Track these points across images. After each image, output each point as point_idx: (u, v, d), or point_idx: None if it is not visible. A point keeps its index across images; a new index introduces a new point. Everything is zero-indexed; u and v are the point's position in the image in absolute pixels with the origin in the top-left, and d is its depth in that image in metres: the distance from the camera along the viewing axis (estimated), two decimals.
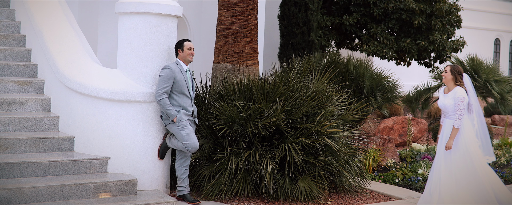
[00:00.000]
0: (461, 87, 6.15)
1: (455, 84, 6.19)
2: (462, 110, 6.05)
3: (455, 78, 6.19)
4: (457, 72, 6.19)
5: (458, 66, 6.23)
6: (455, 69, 6.20)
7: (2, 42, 7.26)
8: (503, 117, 15.25)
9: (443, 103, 6.24)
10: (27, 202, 5.39)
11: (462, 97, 6.05)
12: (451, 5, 14.34)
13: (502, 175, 8.55)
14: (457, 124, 6.06)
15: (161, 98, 6.04)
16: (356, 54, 18.15)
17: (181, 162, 6.29)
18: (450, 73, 6.20)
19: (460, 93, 6.08)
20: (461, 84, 6.18)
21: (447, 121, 6.24)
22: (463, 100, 6.05)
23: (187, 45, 6.28)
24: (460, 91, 6.09)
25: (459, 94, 6.07)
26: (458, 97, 6.06)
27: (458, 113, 6.06)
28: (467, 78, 6.23)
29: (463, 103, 6.05)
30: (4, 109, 6.44)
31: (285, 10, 13.06)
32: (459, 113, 6.06)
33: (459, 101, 6.05)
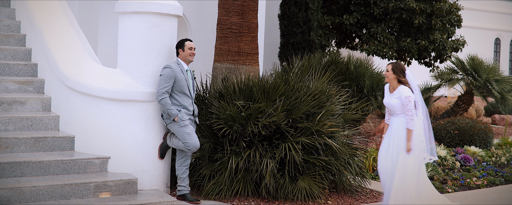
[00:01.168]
0: (406, 85, 5.96)
1: (399, 83, 6.01)
2: (411, 109, 5.85)
3: (397, 76, 5.99)
4: (399, 70, 5.99)
5: (399, 64, 6.03)
6: (396, 68, 6.01)
7: (2, 42, 7.26)
8: (503, 116, 15.26)
9: (388, 102, 6.06)
10: (28, 201, 5.39)
11: (409, 97, 5.86)
12: (451, 5, 14.34)
13: (502, 175, 8.55)
14: (411, 125, 5.86)
15: (162, 97, 6.03)
16: (357, 53, 18.16)
17: (181, 162, 6.29)
18: (392, 72, 6.01)
19: (406, 93, 5.88)
20: (405, 82, 5.99)
21: (394, 119, 6.03)
22: (410, 99, 5.86)
23: (188, 45, 6.28)
24: (406, 91, 5.90)
25: (405, 94, 5.88)
26: (405, 98, 5.87)
27: (409, 114, 5.87)
28: (411, 75, 6.02)
29: (411, 103, 5.86)
30: (4, 108, 6.44)
31: (285, 10, 13.07)
32: (409, 113, 5.87)
33: (406, 101, 5.86)
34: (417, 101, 5.99)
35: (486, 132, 10.38)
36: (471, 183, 8.01)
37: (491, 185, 8.13)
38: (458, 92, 16.20)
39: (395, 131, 6.01)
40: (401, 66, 6.03)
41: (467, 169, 8.88)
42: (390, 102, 6.04)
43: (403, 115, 5.95)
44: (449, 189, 7.62)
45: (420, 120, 6.00)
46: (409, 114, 5.88)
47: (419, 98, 6.02)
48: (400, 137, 5.95)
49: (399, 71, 6.00)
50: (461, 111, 12.92)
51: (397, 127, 6.01)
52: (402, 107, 5.94)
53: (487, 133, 10.41)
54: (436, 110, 15.29)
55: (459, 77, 12.89)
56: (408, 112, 5.88)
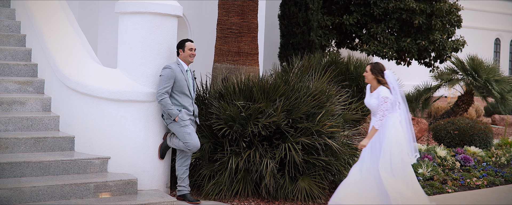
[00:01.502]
0: (385, 86, 5.91)
1: (378, 83, 5.96)
2: (384, 110, 5.82)
3: (376, 76, 5.94)
4: (377, 70, 5.94)
5: (378, 64, 5.98)
6: (375, 68, 5.95)
7: (2, 42, 7.26)
8: (503, 116, 15.25)
9: (368, 102, 6.02)
10: (27, 201, 5.39)
11: (386, 98, 5.82)
12: (451, 5, 14.34)
13: (502, 175, 8.55)
14: (378, 125, 5.84)
15: (162, 98, 6.04)
16: (356, 54, 18.16)
17: (181, 162, 6.29)
18: (371, 72, 5.96)
19: (384, 93, 5.84)
20: (384, 83, 5.93)
21: (374, 119, 6.00)
22: (386, 100, 5.81)
23: (188, 46, 6.28)
24: (384, 91, 5.86)
25: (383, 94, 5.84)
26: (382, 98, 5.83)
27: (380, 113, 5.83)
28: (391, 75, 5.95)
29: (386, 104, 5.81)
30: (4, 109, 6.44)
31: (285, 10, 13.07)
32: (381, 113, 5.83)
33: (382, 101, 5.82)
34: (400, 102, 5.93)
35: (486, 132, 10.38)
36: (471, 183, 8.01)
37: (491, 185, 8.13)
38: (458, 92, 16.20)
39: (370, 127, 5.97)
40: (379, 66, 5.97)
41: (467, 169, 8.88)
42: (370, 102, 6.00)
43: None
44: (449, 189, 7.62)
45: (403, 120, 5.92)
46: (380, 114, 5.84)
47: (401, 99, 5.96)
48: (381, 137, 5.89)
49: (377, 72, 5.95)
50: (461, 111, 12.93)
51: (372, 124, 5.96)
52: (377, 107, 5.89)
53: (487, 133, 10.41)
54: (436, 110, 15.28)
55: (459, 78, 12.89)
56: (381, 111, 5.84)
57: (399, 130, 5.85)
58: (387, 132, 5.84)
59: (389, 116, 5.88)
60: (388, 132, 5.84)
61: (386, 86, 5.93)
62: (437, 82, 13.28)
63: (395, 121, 5.87)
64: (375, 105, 5.93)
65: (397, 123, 5.87)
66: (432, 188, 7.54)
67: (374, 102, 5.94)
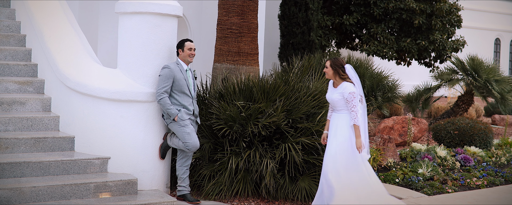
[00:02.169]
0: (348, 81, 5.83)
1: (341, 79, 5.88)
2: (355, 105, 5.74)
3: (337, 72, 5.85)
4: (337, 66, 5.84)
5: (338, 59, 5.88)
6: (335, 64, 5.86)
7: (2, 42, 7.27)
8: (503, 116, 15.25)
9: (330, 97, 5.93)
10: (28, 201, 5.39)
11: (353, 93, 5.73)
12: (451, 5, 14.34)
13: (502, 175, 8.55)
14: (356, 121, 5.75)
15: (161, 97, 6.04)
16: (357, 54, 18.16)
17: (182, 162, 6.29)
18: (331, 68, 5.86)
19: (350, 89, 5.75)
20: (346, 78, 5.84)
21: (336, 115, 5.91)
22: (355, 95, 5.74)
23: (187, 45, 6.28)
24: (350, 87, 5.77)
25: (349, 90, 5.75)
26: (349, 94, 5.74)
27: (354, 110, 5.75)
28: (351, 70, 5.87)
29: (355, 99, 5.73)
30: (4, 109, 6.44)
31: (285, 10, 13.07)
32: (355, 109, 5.75)
33: (351, 97, 5.74)
34: (361, 96, 5.88)
35: (486, 132, 10.38)
36: (471, 183, 8.01)
37: (491, 185, 8.13)
38: (458, 92, 16.20)
39: (334, 127, 5.89)
40: (339, 61, 5.88)
41: (467, 169, 8.88)
42: (332, 97, 5.91)
43: (345, 110, 5.85)
44: (449, 189, 7.62)
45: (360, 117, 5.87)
46: (354, 110, 5.76)
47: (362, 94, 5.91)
48: (339, 134, 5.83)
49: (337, 67, 5.86)
50: (461, 111, 12.93)
51: (336, 123, 5.89)
52: (344, 103, 5.82)
53: (487, 133, 10.40)
54: (436, 110, 15.28)
55: (459, 78, 12.89)
56: (353, 107, 5.76)
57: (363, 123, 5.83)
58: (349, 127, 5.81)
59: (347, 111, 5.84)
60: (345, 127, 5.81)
61: (349, 81, 5.85)
62: (437, 83, 13.27)
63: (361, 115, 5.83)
64: (337, 100, 5.85)
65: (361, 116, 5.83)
66: (432, 188, 7.54)
67: (336, 97, 5.86)
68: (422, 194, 7.32)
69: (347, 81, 5.85)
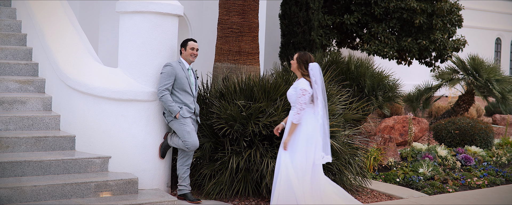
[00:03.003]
0: (306, 78, 5.69)
1: (302, 75, 5.73)
2: (302, 103, 5.58)
3: (300, 67, 5.73)
4: (302, 61, 5.71)
5: (306, 55, 5.74)
6: (301, 58, 5.72)
7: (3, 41, 7.27)
8: (504, 116, 15.24)
9: (288, 93, 5.81)
10: (28, 201, 5.39)
11: (304, 90, 5.58)
12: (452, 5, 14.34)
13: (503, 175, 8.55)
14: (296, 119, 5.62)
15: (163, 94, 6.04)
16: (357, 53, 18.15)
17: (183, 161, 6.29)
18: (296, 61, 5.74)
19: (302, 85, 5.61)
20: (305, 75, 5.71)
21: (291, 111, 5.82)
22: (305, 93, 5.58)
23: (190, 45, 6.29)
24: (303, 83, 5.63)
25: (301, 86, 5.61)
26: (300, 90, 5.60)
27: (298, 107, 5.60)
28: (316, 69, 5.70)
29: (304, 96, 5.57)
30: (5, 108, 6.45)
31: (286, 9, 13.06)
32: (299, 106, 5.59)
33: (300, 93, 5.59)
34: (317, 96, 5.68)
35: (486, 131, 10.38)
36: (472, 183, 8.01)
37: (492, 185, 8.13)
38: (458, 92, 16.20)
39: (289, 123, 5.80)
40: (306, 57, 5.75)
41: (468, 169, 8.88)
42: (288, 93, 5.82)
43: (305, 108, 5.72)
44: (450, 189, 7.62)
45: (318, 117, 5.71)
46: (298, 107, 5.62)
47: (321, 95, 5.70)
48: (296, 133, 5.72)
49: (302, 62, 5.73)
50: (461, 110, 12.92)
51: (290, 119, 5.80)
52: (295, 100, 5.70)
53: (488, 133, 10.40)
54: (437, 109, 15.28)
55: (460, 77, 12.89)
56: (298, 104, 5.63)
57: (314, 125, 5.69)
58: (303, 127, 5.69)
59: (308, 110, 5.70)
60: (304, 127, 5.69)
61: (307, 78, 5.73)
62: (438, 82, 13.27)
63: (311, 116, 5.71)
64: (290, 95, 5.77)
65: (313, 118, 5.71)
66: (433, 188, 7.54)
67: (290, 92, 5.77)
68: (422, 194, 7.32)
69: (305, 79, 5.74)
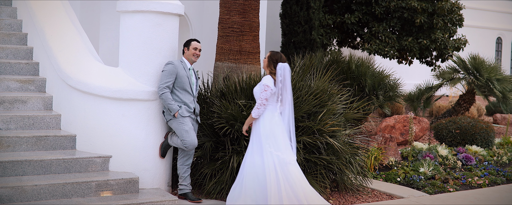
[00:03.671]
0: (272, 76, 5.80)
1: (270, 73, 5.86)
2: (263, 99, 5.70)
3: (269, 66, 5.86)
4: (272, 60, 5.84)
5: (278, 54, 5.86)
6: (271, 57, 5.86)
7: (4, 40, 7.27)
8: (505, 115, 15.24)
9: (254, 90, 5.94)
10: (29, 200, 5.39)
11: (266, 86, 5.70)
12: (453, 4, 14.33)
13: (504, 174, 8.54)
14: (255, 113, 5.74)
15: (163, 92, 6.04)
16: (358, 52, 18.15)
17: (183, 161, 6.29)
18: (267, 59, 5.88)
19: (265, 81, 5.74)
20: (273, 74, 5.82)
21: None
22: (266, 89, 5.70)
23: (193, 45, 6.30)
24: (266, 80, 5.76)
25: (264, 82, 5.74)
26: (262, 85, 5.74)
27: (259, 102, 5.72)
28: (283, 69, 5.80)
29: (266, 92, 5.70)
30: (6, 107, 6.45)
31: (286, 9, 13.06)
32: (259, 102, 5.72)
33: (262, 89, 5.72)
34: (281, 95, 5.80)
35: (487, 131, 10.37)
36: (473, 182, 8.00)
37: (493, 185, 8.12)
38: (459, 91, 16.19)
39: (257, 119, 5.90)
40: (277, 56, 5.87)
41: (468, 168, 8.87)
42: (254, 90, 5.94)
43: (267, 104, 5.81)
44: (451, 188, 7.62)
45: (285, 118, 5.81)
46: (259, 102, 5.74)
47: (287, 95, 5.82)
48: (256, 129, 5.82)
49: (272, 61, 5.87)
50: (462, 110, 12.92)
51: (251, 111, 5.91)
52: (259, 95, 5.81)
53: (489, 132, 10.40)
54: (437, 109, 15.27)
55: (460, 77, 12.88)
56: (259, 99, 5.75)
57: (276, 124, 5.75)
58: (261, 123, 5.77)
59: (271, 108, 5.80)
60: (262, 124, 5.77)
61: (273, 76, 5.84)
62: (438, 81, 13.27)
63: (274, 114, 5.79)
64: (255, 91, 5.87)
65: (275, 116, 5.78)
66: (433, 187, 7.54)
67: (256, 89, 5.87)
68: (423, 193, 7.31)
69: (271, 77, 5.85)
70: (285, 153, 5.71)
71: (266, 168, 5.65)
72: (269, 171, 5.63)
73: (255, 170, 5.68)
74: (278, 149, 5.70)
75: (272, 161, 5.67)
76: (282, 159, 5.68)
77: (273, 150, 5.69)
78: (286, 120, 5.82)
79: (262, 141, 5.73)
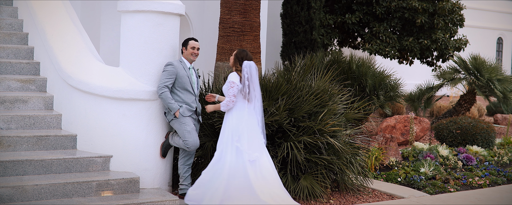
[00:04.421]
0: (238, 73, 5.93)
1: (235, 70, 5.99)
2: (231, 95, 5.84)
3: (235, 63, 5.98)
4: (238, 58, 5.96)
5: (243, 52, 5.99)
6: (237, 55, 5.99)
7: (4, 40, 7.27)
8: (506, 116, 15.23)
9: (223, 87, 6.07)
10: (30, 200, 5.39)
11: (232, 82, 5.84)
12: (454, 4, 14.32)
13: (505, 174, 8.54)
14: (223, 107, 5.88)
15: (163, 91, 6.04)
16: (359, 53, 18.16)
17: (184, 161, 6.29)
18: (234, 57, 5.99)
19: (231, 78, 5.88)
20: (238, 71, 5.95)
21: None
22: (233, 85, 5.84)
23: (191, 44, 6.30)
24: (231, 76, 5.89)
25: (230, 79, 5.88)
26: (228, 82, 5.88)
27: (227, 99, 5.87)
28: (249, 67, 5.92)
29: (233, 88, 5.83)
30: (6, 107, 6.45)
31: (287, 9, 13.06)
32: (228, 98, 5.86)
33: (229, 86, 5.86)
34: (252, 96, 5.91)
35: (488, 131, 10.37)
36: (473, 182, 8.00)
37: (493, 185, 8.12)
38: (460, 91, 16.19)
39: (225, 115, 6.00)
40: (242, 54, 5.99)
41: (469, 168, 8.87)
42: (222, 87, 6.05)
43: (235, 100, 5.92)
44: (451, 188, 7.62)
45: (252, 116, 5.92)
46: (227, 99, 5.87)
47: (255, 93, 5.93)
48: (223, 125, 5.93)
49: (238, 58, 5.99)
50: (463, 110, 12.91)
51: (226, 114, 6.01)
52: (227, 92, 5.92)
53: (490, 133, 10.39)
54: (438, 109, 15.27)
55: (461, 77, 12.88)
56: (227, 96, 5.88)
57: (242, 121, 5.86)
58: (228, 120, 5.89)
59: (240, 105, 5.91)
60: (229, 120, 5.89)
61: (239, 73, 5.95)
62: (439, 82, 13.26)
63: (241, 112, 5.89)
64: (224, 89, 5.97)
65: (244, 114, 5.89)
66: (434, 187, 7.53)
67: (224, 87, 5.98)
68: (424, 193, 7.31)
69: (237, 74, 5.96)
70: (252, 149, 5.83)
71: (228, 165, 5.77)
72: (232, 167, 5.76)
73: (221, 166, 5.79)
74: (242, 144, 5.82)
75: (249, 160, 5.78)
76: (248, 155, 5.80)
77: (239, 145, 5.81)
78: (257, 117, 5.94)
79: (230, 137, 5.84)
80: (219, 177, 5.77)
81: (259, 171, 5.79)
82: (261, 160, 5.84)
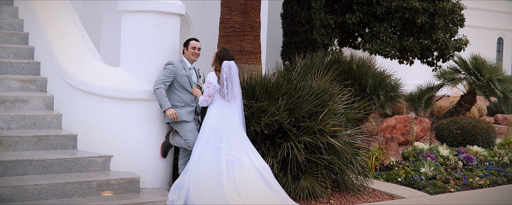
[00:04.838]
0: (216, 73, 5.98)
1: (215, 70, 6.04)
2: (206, 95, 5.91)
3: (216, 62, 6.03)
4: (219, 57, 6.01)
5: (224, 52, 6.03)
6: (218, 54, 6.04)
7: (5, 40, 7.27)
8: (506, 116, 15.23)
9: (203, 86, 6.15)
10: (30, 199, 5.39)
11: (209, 83, 5.91)
12: (454, 4, 14.32)
13: (505, 174, 8.54)
14: (201, 102, 5.95)
15: (158, 87, 6.02)
16: (359, 53, 18.15)
17: (184, 160, 6.29)
18: (215, 56, 6.05)
19: (208, 78, 5.96)
20: (217, 71, 6.00)
21: None
22: (209, 86, 5.91)
23: (192, 44, 6.30)
24: (210, 76, 5.96)
25: (207, 79, 5.96)
26: (206, 82, 5.95)
27: (202, 98, 5.94)
28: (229, 67, 5.96)
29: (209, 89, 5.91)
30: (7, 107, 6.45)
31: (288, 9, 13.06)
32: (202, 98, 5.94)
33: (206, 86, 5.93)
34: (231, 96, 5.94)
35: (488, 131, 10.36)
36: (474, 182, 8.00)
37: (494, 185, 8.12)
38: (460, 91, 16.18)
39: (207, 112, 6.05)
40: (223, 53, 6.03)
41: (469, 168, 8.87)
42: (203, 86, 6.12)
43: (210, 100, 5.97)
44: (452, 188, 7.62)
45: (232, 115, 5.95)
46: (202, 98, 5.95)
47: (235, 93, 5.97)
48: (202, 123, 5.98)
49: (218, 58, 6.03)
50: (463, 110, 12.91)
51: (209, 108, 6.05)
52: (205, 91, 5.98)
53: (490, 133, 10.39)
54: (438, 109, 15.26)
55: (461, 77, 12.87)
56: (203, 96, 5.95)
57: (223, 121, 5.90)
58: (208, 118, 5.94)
59: (216, 103, 5.97)
60: (209, 119, 5.93)
61: (217, 73, 5.99)
62: (439, 82, 13.26)
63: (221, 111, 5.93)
64: (204, 89, 6.02)
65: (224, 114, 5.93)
66: (434, 187, 7.53)
67: (204, 86, 6.03)
68: (424, 193, 7.31)
69: (215, 74, 6.00)
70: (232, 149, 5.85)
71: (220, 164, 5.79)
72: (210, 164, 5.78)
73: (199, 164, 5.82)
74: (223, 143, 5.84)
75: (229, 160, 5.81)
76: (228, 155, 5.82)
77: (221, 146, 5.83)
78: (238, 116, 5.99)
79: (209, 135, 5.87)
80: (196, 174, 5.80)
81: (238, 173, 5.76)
82: (242, 161, 5.83)
